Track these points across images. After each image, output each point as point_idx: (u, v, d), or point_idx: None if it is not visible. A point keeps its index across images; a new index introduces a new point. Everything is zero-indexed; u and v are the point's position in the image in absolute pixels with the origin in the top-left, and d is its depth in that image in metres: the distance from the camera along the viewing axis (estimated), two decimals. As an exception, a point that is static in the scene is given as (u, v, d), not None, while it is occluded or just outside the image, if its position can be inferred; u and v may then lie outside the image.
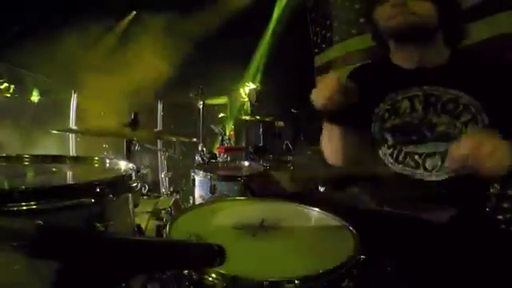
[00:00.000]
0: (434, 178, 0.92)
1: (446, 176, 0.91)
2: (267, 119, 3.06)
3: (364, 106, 0.98)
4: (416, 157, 0.95)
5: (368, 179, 1.08)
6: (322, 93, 0.90)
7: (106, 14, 3.20)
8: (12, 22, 2.61)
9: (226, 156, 2.31)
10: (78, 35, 2.87)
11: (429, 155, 0.93)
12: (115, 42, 3.49)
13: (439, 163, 0.91)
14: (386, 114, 1.00)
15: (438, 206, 0.88)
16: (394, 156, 0.99)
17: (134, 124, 1.38)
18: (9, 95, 2.76)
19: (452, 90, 0.91)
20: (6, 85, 2.72)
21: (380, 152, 1.02)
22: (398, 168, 0.97)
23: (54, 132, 1.46)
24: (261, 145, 2.90)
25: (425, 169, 0.93)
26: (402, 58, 1.01)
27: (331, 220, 0.85)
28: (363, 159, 1.07)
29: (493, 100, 0.87)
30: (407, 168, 0.96)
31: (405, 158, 0.96)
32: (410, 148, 0.95)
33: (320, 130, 1.11)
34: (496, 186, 1.62)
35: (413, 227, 0.94)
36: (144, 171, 2.78)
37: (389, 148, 1.00)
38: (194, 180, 1.78)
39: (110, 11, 3.23)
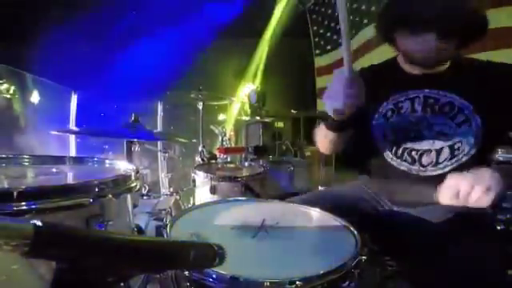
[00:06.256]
0: (428, 173, 0.97)
1: (441, 171, 0.96)
2: (267, 120, 3.06)
3: (370, 103, 1.00)
4: (413, 153, 1.00)
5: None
6: (335, 95, 0.82)
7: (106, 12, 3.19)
8: (11, 23, 2.61)
9: (226, 157, 2.30)
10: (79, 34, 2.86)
11: (425, 152, 0.98)
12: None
13: (434, 160, 0.97)
14: (389, 113, 1.05)
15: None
16: (393, 151, 1.04)
17: (133, 125, 1.37)
18: (9, 96, 2.76)
19: (449, 93, 0.97)
20: (6, 86, 2.72)
21: (380, 147, 1.07)
22: (397, 162, 1.03)
23: (54, 133, 1.45)
24: (261, 145, 2.89)
25: (421, 164, 0.98)
26: (410, 66, 1.06)
27: (332, 220, 0.84)
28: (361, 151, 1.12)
29: (484, 103, 0.92)
30: (404, 163, 1.01)
31: (403, 153, 1.02)
32: (409, 145, 1.00)
33: None
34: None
35: (413, 227, 0.94)
36: (144, 172, 2.77)
37: (388, 143, 1.05)
38: (194, 181, 1.77)
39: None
